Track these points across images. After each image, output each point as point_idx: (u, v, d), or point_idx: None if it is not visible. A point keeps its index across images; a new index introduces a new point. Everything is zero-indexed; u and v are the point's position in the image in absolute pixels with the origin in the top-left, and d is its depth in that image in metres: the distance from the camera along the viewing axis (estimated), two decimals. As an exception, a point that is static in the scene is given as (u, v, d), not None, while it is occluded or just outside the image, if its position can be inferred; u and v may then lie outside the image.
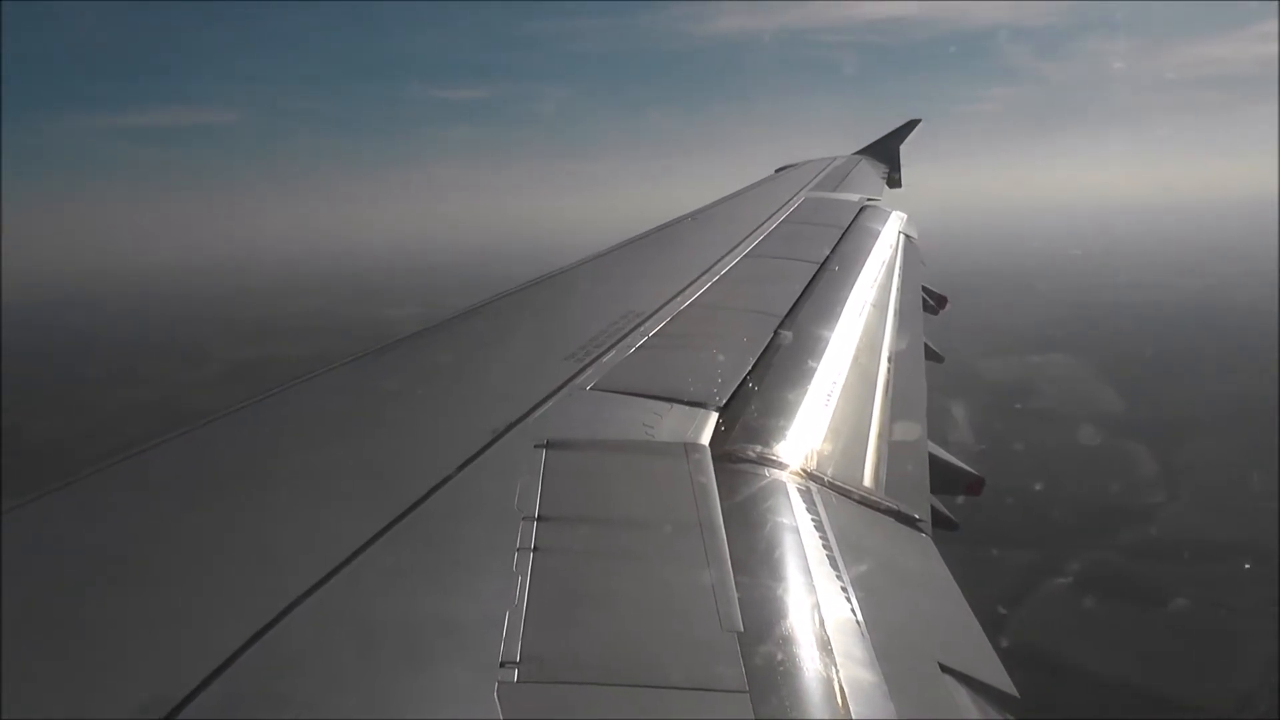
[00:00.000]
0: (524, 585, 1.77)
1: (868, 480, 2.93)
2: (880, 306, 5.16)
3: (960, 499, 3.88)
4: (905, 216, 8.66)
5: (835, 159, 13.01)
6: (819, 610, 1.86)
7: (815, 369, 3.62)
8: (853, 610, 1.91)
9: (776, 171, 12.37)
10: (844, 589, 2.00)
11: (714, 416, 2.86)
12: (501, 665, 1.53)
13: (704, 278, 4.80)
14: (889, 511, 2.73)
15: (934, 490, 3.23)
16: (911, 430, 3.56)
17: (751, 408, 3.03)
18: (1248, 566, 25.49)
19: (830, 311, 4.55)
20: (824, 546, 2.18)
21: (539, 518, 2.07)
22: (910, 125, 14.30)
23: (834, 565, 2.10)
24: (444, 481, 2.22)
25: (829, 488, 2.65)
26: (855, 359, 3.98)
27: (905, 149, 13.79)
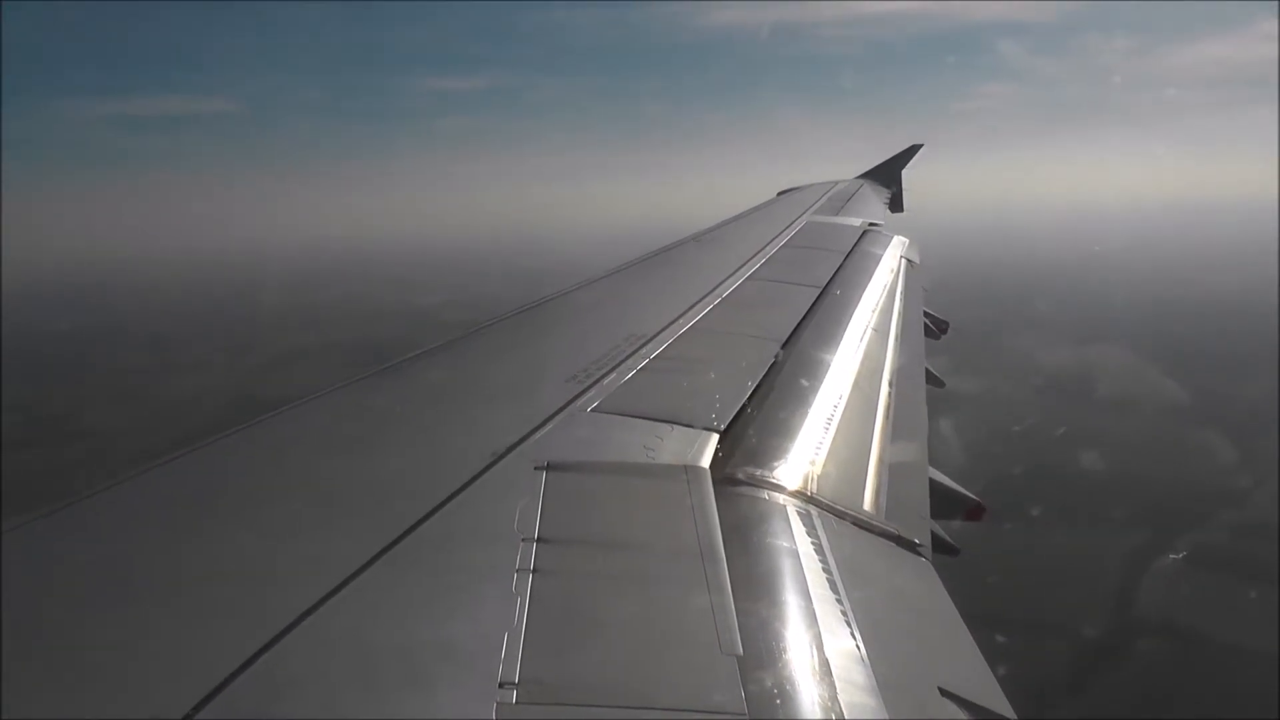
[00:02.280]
0: (523, 606, 1.77)
1: (868, 504, 2.93)
2: (881, 331, 5.17)
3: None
4: (907, 241, 8.69)
5: (838, 182, 13.09)
6: (818, 634, 1.86)
7: (816, 393, 3.63)
8: (852, 634, 1.91)
9: (779, 194, 12.45)
10: (844, 613, 2.00)
11: (714, 439, 2.86)
12: (500, 686, 1.53)
13: (706, 301, 4.82)
14: (889, 536, 2.73)
15: (934, 515, 3.23)
16: (912, 455, 3.56)
17: (752, 431, 3.03)
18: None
19: (832, 336, 4.57)
20: (824, 570, 2.19)
21: (539, 539, 2.07)
22: (912, 150, 14.43)
23: (834, 589, 2.10)
24: (444, 502, 2.22)
25: (829, 511, 2.65)
26: (856, 383, 3.98)
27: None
